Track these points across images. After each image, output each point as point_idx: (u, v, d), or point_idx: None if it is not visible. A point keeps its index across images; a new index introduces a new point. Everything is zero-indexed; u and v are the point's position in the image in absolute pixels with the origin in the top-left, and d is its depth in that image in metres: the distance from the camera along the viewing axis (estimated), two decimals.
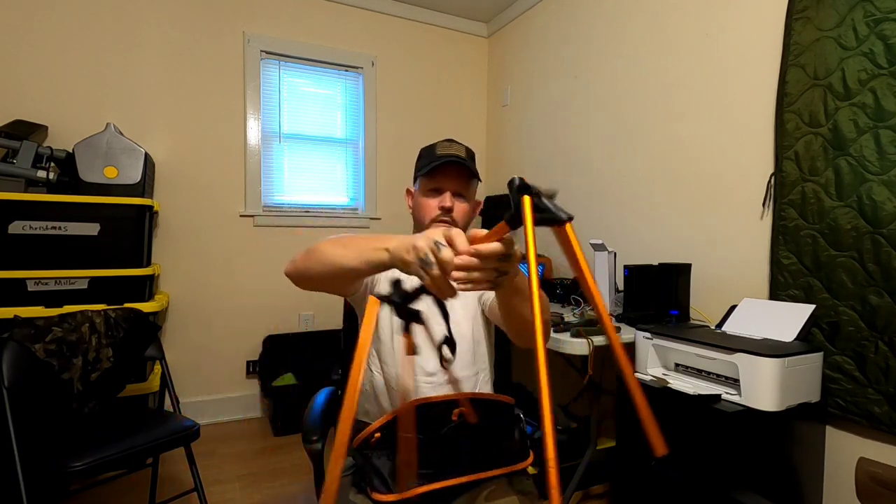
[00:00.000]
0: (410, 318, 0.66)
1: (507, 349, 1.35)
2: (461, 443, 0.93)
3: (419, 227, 1.13)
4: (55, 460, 1.30)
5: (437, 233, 0.62)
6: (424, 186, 1.11)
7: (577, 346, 1.55)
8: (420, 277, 0.62)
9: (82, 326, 1.64)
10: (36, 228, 1.88)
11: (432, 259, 0.59)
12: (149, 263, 2.18)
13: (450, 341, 0.79)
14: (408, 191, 1.21)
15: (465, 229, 1.10)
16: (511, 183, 0.52)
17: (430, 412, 0.95)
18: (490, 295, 1.11)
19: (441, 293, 0.61)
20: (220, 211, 2.73)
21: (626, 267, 1.83)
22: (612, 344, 0.39)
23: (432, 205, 1.09)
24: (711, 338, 1.42)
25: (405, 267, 0.66)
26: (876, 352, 1.39)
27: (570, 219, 0.51)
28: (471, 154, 1.13)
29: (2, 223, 1.84)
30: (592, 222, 2.50)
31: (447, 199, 1.09)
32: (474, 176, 1.11)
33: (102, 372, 1.67)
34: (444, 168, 1.07)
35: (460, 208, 1.10)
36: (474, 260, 0.60)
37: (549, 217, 0.51)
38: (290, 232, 2.89)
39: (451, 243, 0.60)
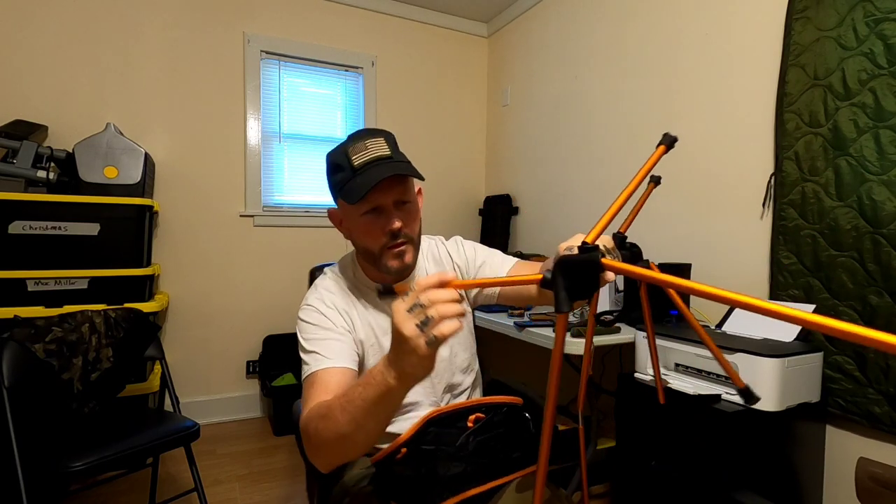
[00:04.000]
0: None
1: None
2: (479, 451, 0.90)
3: (367, 255, 0.96)
4: (55, 460, 1.30)
5: (405, 304, 0.59)
6: (357, 210, 0.91)
7: (577, 345, 1.55)
8: (434, 342, 0.57)
9: (82, 326, 1.64)
10: (36, 228, 1.88)
11: (429, 315, 0.57)
12: (149, 263, 2.18)
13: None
14: (332, 213, 1.00)
15: (418, 237, 0.99)
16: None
17: (447, 422, 0.91)
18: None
19: (454, 328, 0.57)
20: (220, 211, 2.73)
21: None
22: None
23: (376, 231, 0.91)
24: (711, 338, 1.42)
25: (416, 351, 0.59)
26: (876, 352, 1.39)
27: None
28: (392, 140, 0.93)
29: (2, 223, 1.84)
30: (592, 222, 2.49)
31: (394, 221, 0.90)
32: (412, 174, 0.91)
33: (102, 372, 1.67)
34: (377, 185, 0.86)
35: (409, 221, 0.94)
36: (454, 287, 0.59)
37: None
38: (290, 232, 2.90)
39: (432, 287, 0.58)
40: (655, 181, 0.88)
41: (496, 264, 1.08)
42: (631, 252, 0.66)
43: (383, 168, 0.87)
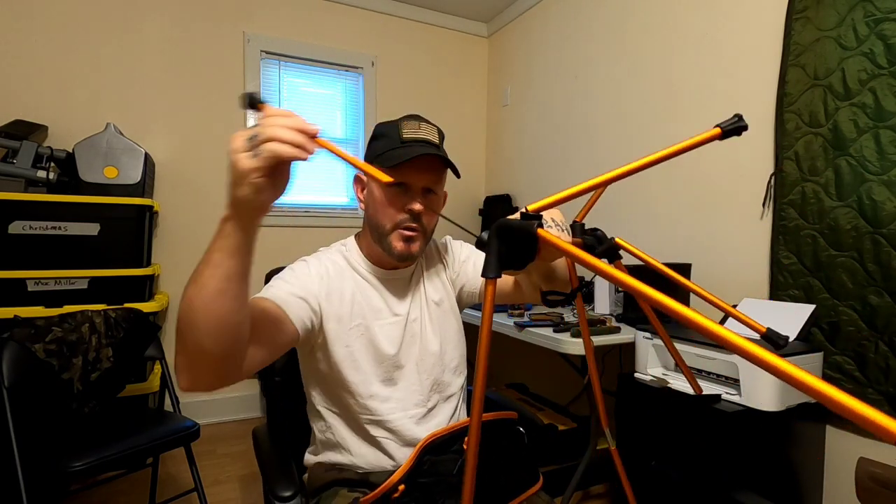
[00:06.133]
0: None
1: None
2: (480, 477, 0.84)
3: (376, 230, 0.91)
4: (55, 460, 1.30)
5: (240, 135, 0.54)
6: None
7: (577, 346, 1.55)
8: (259, 156, 0.52)
9: (82, 326, 1.64)
10: (36, 228, 1.88)
11: (257, 132, 0.52)
12: (149, 263, 2.18)
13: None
14: (358, 178, 0.97)
15: (431, 233, 0.96)
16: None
17: (442, 447, 0.85)
18: (476, 283, 1.02)
19: (296, 147, 0.52)
20: (220, 211, 2.66)
21: (625, 267, 1.83)
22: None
23: (396, 205, 0.88)
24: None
25: (237, 165, 0.53)
26: (876, 352, 1.39)
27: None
28: (442, 136, 0.95)
29: (2, 223, 1.83)
30: (592, 222, 2.49)
31: (416, 202, 0.88)
32: (449, 166, 0.91)
33: (102, 372, 1.67)
34: (414, 160, 0.85)
35: (430, 211, 0.91)
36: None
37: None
38: (290, 232, 2.89)
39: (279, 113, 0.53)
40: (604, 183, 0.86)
41: (480, 262, 1.04)
42: (594, 237, 0.63)
43: (428, 149, 0.87)
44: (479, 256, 1.06)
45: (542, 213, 0.43)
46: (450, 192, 1.05)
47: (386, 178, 0.52)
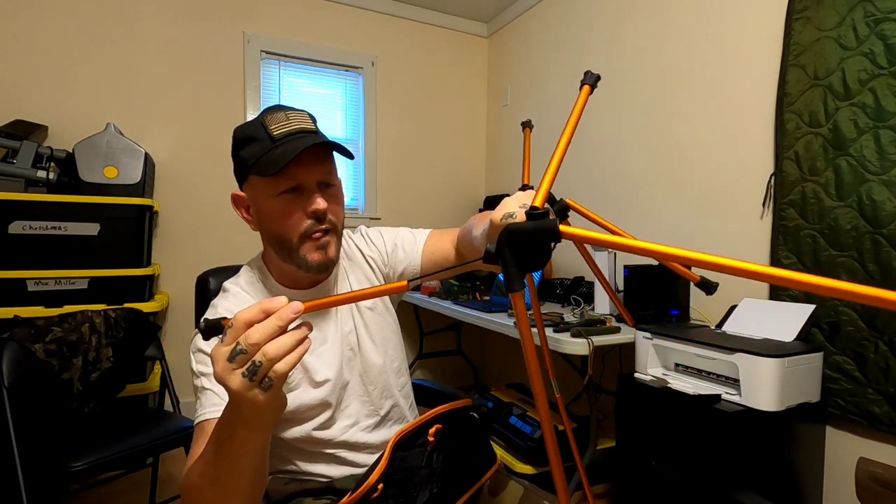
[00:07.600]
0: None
1: None
2: (447, 466, 0.86)
3: (282, 247, 0.81)
4: (55, 460, 1.31)
5: (224, 351, 0.46)
6: (273, 188, 0.77)
7: (577, 346, 1.55)
8: (270, 385, 0.46)
9: (82, 326, 1.64)
10: (36, 228, 1.88)
11: (256, 362, 0.45)
12: (149, 263, 2.18)
13: None
14: (236, 198, 0.85)
15: (342, 228, 0.86)
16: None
17: (410, 442, 0.84)
18: (415, 260, 0.97)
19: (293, 363, 0.46)
20: (220, 211, 2.72)
21: (625, 267, 1.83)
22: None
23: (296, 213, 0.78)
24: (711, 338, 1.42)
25: (253, 403, 0.47)
26: (876, 352, 1.39)
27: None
28: (314, 119, 0.83)
29: (2, 223, 1.83)
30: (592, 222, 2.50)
31: (318, 200, 0.77)
32: (337, 148, 0.80)
33: (102, 372, 1.67)
34: (298, 156, 0.73)
35: (335, 206, 0.81)
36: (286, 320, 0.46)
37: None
38: None
39: (252, 322, 0.45)
40: (528, 125, 0.83)
41: (407, 244, 0.98)
42: (559, 204, 0.62)
43: (308, 140, 0.75)
44: (403, 238, 0.99)
45: (547, 207, 0.39)
46: (450, 192, 1.02)
47: (402, 284, 0.48)
